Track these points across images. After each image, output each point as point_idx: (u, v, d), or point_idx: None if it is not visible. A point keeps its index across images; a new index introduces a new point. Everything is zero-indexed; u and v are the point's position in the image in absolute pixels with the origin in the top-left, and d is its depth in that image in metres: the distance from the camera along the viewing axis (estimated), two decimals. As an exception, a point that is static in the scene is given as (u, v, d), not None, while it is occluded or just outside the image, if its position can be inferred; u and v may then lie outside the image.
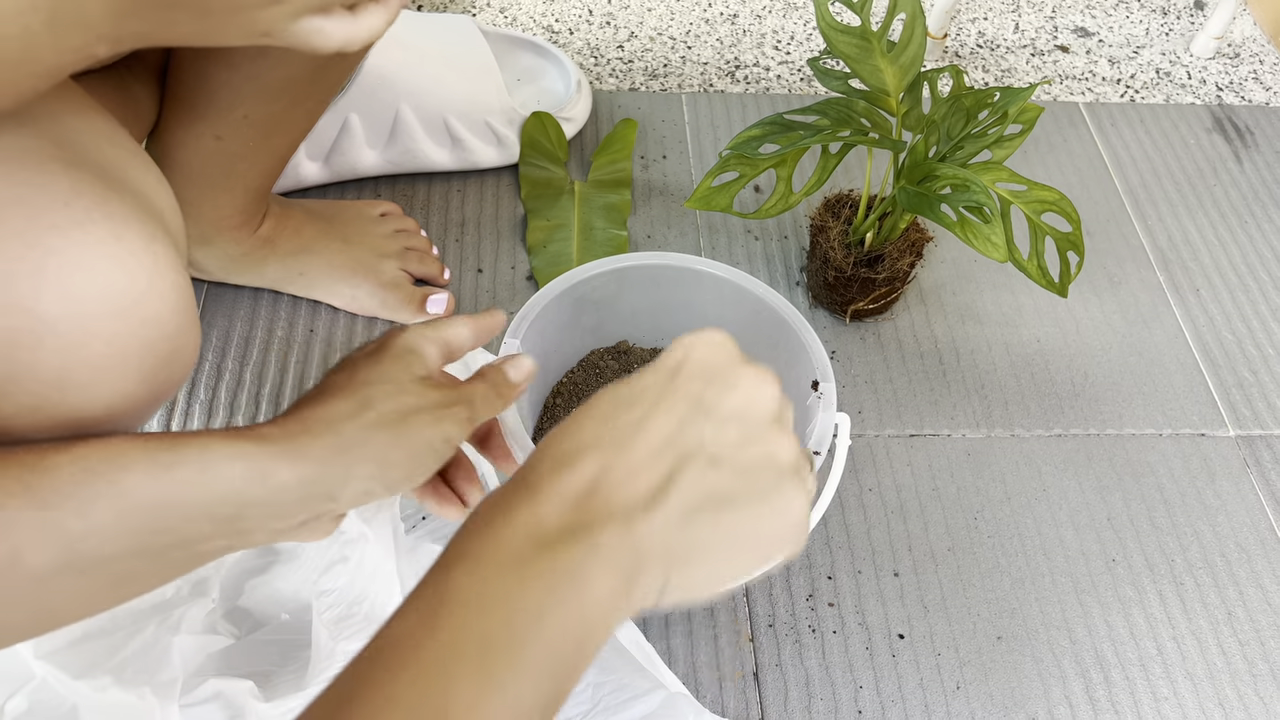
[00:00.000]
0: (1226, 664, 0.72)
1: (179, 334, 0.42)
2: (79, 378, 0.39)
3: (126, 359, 0.40)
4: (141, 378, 0.41)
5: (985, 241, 0.71)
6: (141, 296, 0.40)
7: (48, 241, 0.38)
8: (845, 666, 0.70)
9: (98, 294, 0.39)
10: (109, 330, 0.39)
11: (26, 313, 0.37)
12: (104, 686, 0.55)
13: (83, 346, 0.39)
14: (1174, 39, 1.22)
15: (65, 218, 0.38)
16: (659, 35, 1.15)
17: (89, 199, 0.39)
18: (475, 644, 0.32)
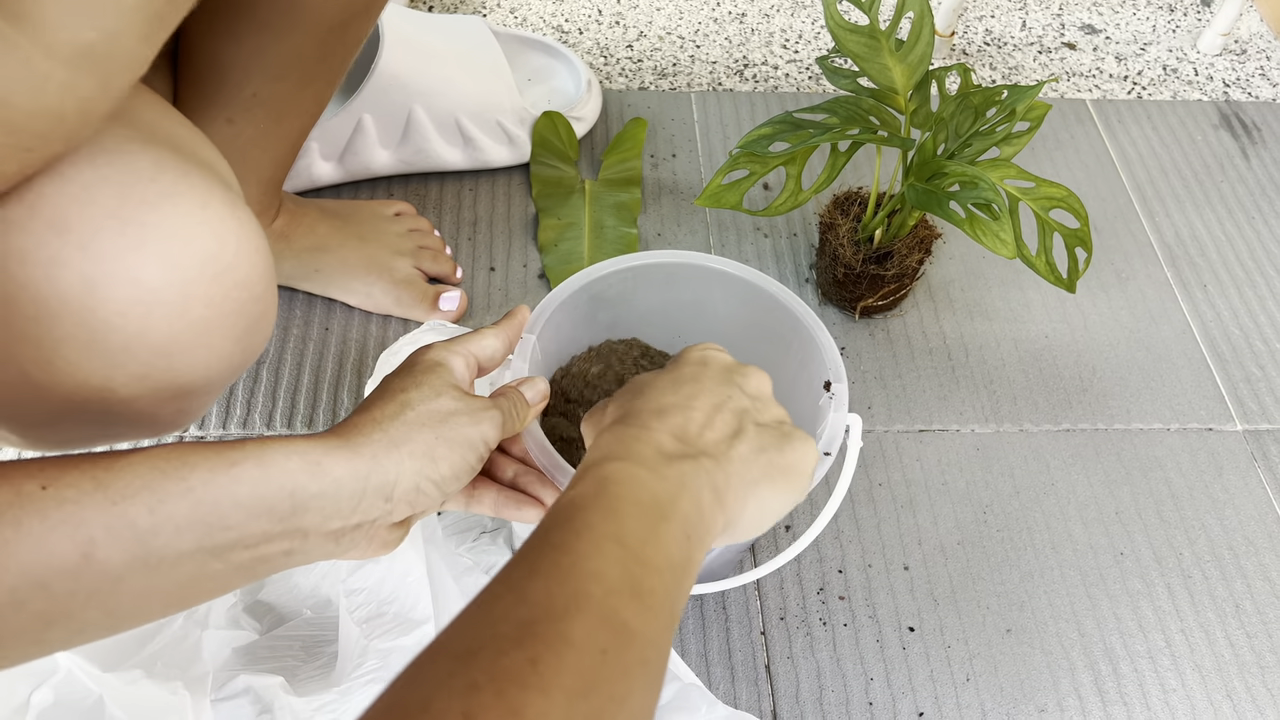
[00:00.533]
0: (1235, 656, 0.72)
1: (265, 295, 0.45)
2: (184, 342, 0.42)
3: (224, 321, 0.43)
4: (235, 339, 0.44)
5: (994, 238, 0.72)
6: (233, 260, 0.43)
7: (142, 216, 0.40)
8: (856, 659, 0.70)
9: (196, 260, 0.41)
10: (207, 294, 0.42)
11: (135, 283, 0.40)
12: (134, 679, 0.56)
13: (187, 312, 0.41)
14: (1181, 36, 1.22)
15: (154, 192, 0.41)
16: (668, 34, 1.16)
17: (172, 172, 0.41)
18: (635, 504, 0.40)
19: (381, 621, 0.59)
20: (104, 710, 0.57)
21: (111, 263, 0.39)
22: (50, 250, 0.39)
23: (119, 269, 0.40)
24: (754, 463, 0.47)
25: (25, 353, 0.40)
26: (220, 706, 0.58)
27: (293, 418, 0.80)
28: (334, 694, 0.56)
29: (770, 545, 0.76)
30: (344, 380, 0.82)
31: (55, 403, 0.42)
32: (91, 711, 0.57)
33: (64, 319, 0.40)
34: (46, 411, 0.42)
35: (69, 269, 0.39)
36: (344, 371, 0.83)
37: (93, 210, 0.39)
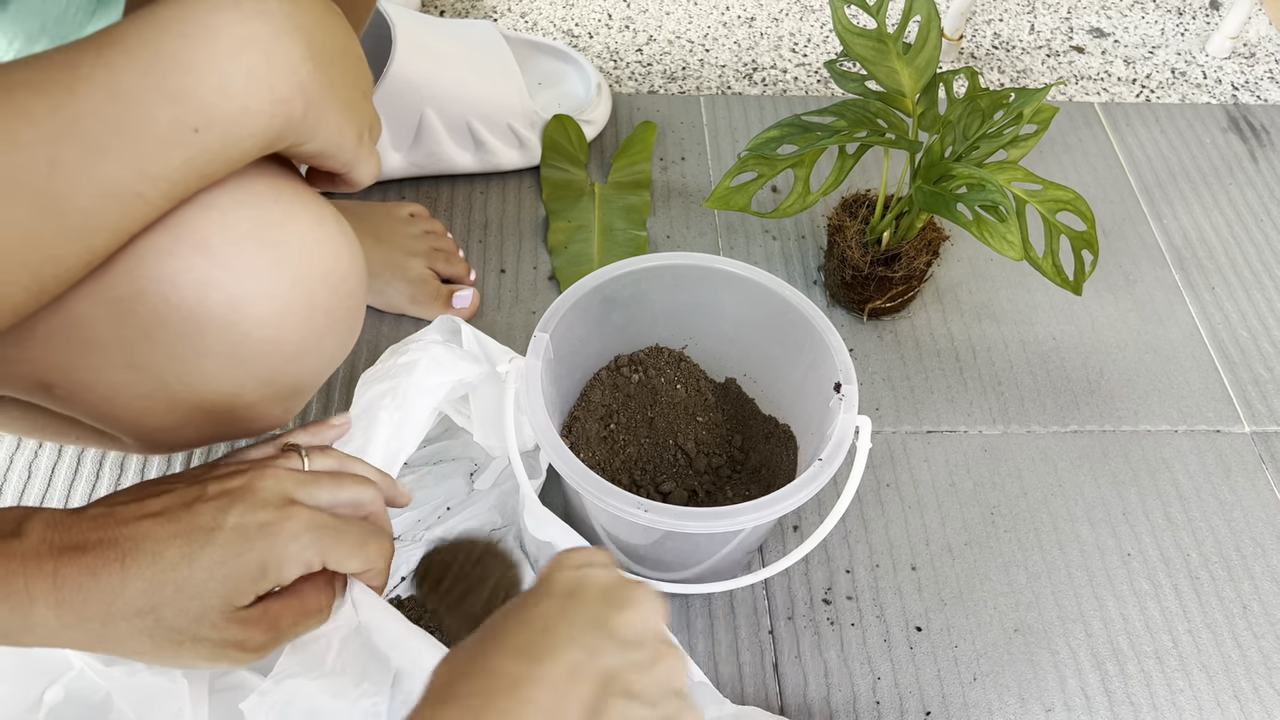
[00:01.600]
0: (1242, 657, 0.72)
1: (364, 299, 0.48)
2: (308, 347, 0.45)
3: (337, 326, 0.46)
4: (342, 340, 0.47)
5: (1001, 240, 0.72)
6: (346, 270, 0.46)
7: (275, 236, 0.43)
8: (863, 658, 0.71)
9: (319, 273, 0.44)
10: (328, 304, 0.45)
11: (272, 298, 0.43)
12: (136, 671, 0.57)
13: (312, 320, 0.45)
14: (1189, 39, 1.23)
15: (279, 212, 0.44)
16: (677, 39, 1.17)
17: (287, 193, 0.44)
18: None
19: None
20: (112, 705, 0.58)
21: (253, 281, 0.42)
22: (198, 272, 0.42)
23: (260, 286, 0.43)
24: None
25: (169, 367, 0.43)
26: (218, 697, 0.59)
27: (305, 415, 0.81)
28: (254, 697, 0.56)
29: (778, 546, 0.76)
30: (353, 380, 0.83)
31: (184, 411, 0.45)
32: (101, 707, 0.58)
33: (210, 334, 0.42)
34: (176, 417, 0.45)
35: (216, 289, 0.42)
36: (356, 371, 0.83)
37: (232, 233, 0.42)
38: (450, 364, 0.67)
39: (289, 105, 0.41)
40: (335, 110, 0.43)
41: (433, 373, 0.67)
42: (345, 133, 0.44)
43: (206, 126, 0.39)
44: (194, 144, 0.39)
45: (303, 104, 0.42)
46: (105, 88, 0.38)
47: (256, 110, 0.40)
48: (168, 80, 0.38)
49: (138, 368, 0.43)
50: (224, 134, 0.40)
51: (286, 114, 0.41)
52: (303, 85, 0.42)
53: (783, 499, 0.59)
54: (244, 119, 0.40)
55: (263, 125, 0.41)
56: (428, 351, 0.68)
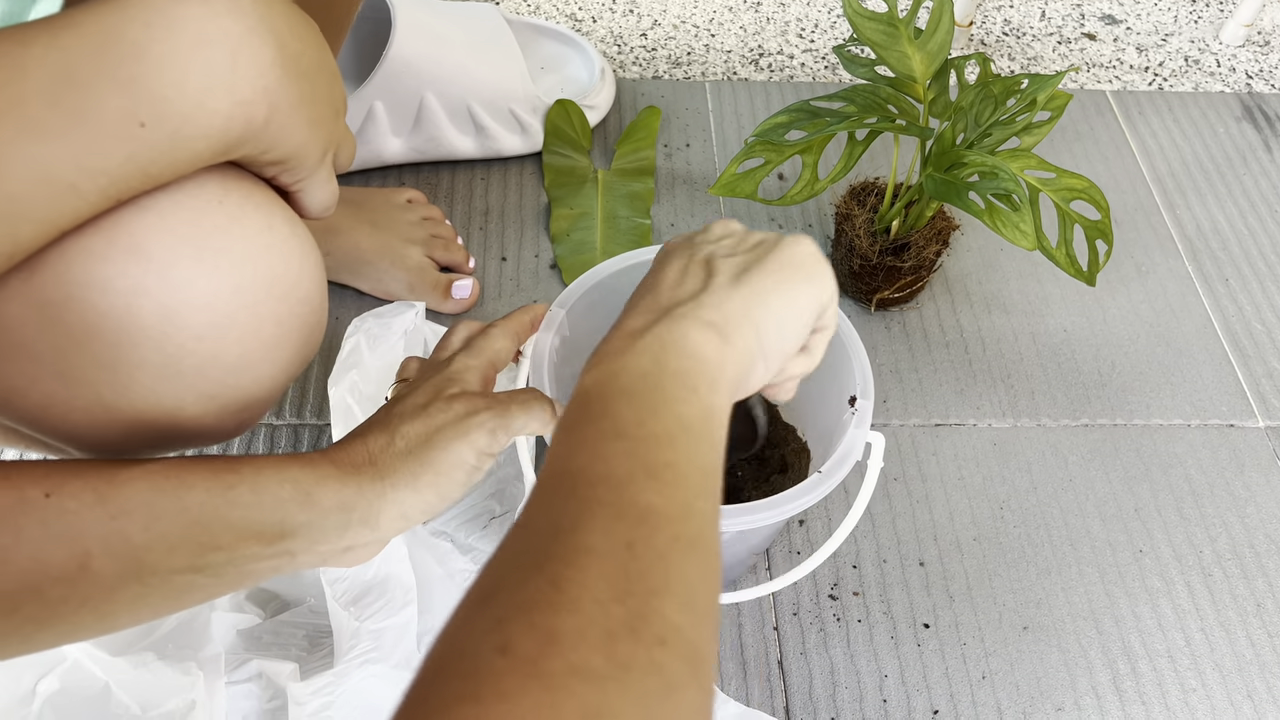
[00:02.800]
0: (1256, 656, 0.71)
1: (322, 305, 0.45)
2: (253, 360, 0.42)
3: (289, 337, 0.44)
4: (296, 351, 0.45)
5: (1014, 229, 0.70)
6: (297, 278, 0.43)
7: (215, 241, 0.40)
8: (870, 655, 0.70)
9: (265, 282, 0.42)
10: (276, 313, 0.42)
11: (210, 309, 0.40)
12: (145, 661, 0.56)
13: (258, 332, 0.42)
14: (1203, 26, 1.21)
15: (224, 216, 0.41)
16: (682, 23, 1.15)
17: (237, 194, 0.41)
18: (620, 393, 0.38)
19: (368, 601, 0.59)
20: (110, 697, 0.57)
21: (188, 290, 0.40)
22: (130, 279, 0.39)
23: (196, 296, 0.40)
24: (742, 283, 0.44)
25: (101, 378, 0.41)
26: (232, 689, 0.58)
27: (302, 407, 0.79)
28: (329, 675, 0.56)
29: (784, 543, 0.75)
30: (354, 370, 0.81)
31: (125, 424, 0.42)
32: (98, 699, 0.57)
33: (142, 346, 0.40)
34: (116, 433, 0.43)
35: (149, 297, 0.39)
36: (354, 361, 0.82)
37: (168, 238, 0.40)
38: (383, 330, 0.70)
39: (250, 109, 0.39)
40: (303, 123, 0.41)
41: (375, 346, 0.69)
42: (309, 148, 0.42)
43: (156, 121, 0.37)
44: (139, 139, 0.37)
45: (266, 110, 0.39)
46: (57, 69, 0.35)
47: (213, 109, 0.38)
48: (121, 68, 0.36)
49: (69, 378, 0.41)
50: (174, 131, 0.37)
51: (247, 118, 0.39)
52: (268, 90, 0.39)
53: (768, 508, 0.55)
54: (198, 117, 0.38)
55: (219, 127, 0.38)
56: (361, 330, 0.71)
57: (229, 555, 0.41)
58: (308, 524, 0.43)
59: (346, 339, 0.72)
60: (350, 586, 0.60)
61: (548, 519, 0.33)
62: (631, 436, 0.36)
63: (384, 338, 0.71)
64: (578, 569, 0.30)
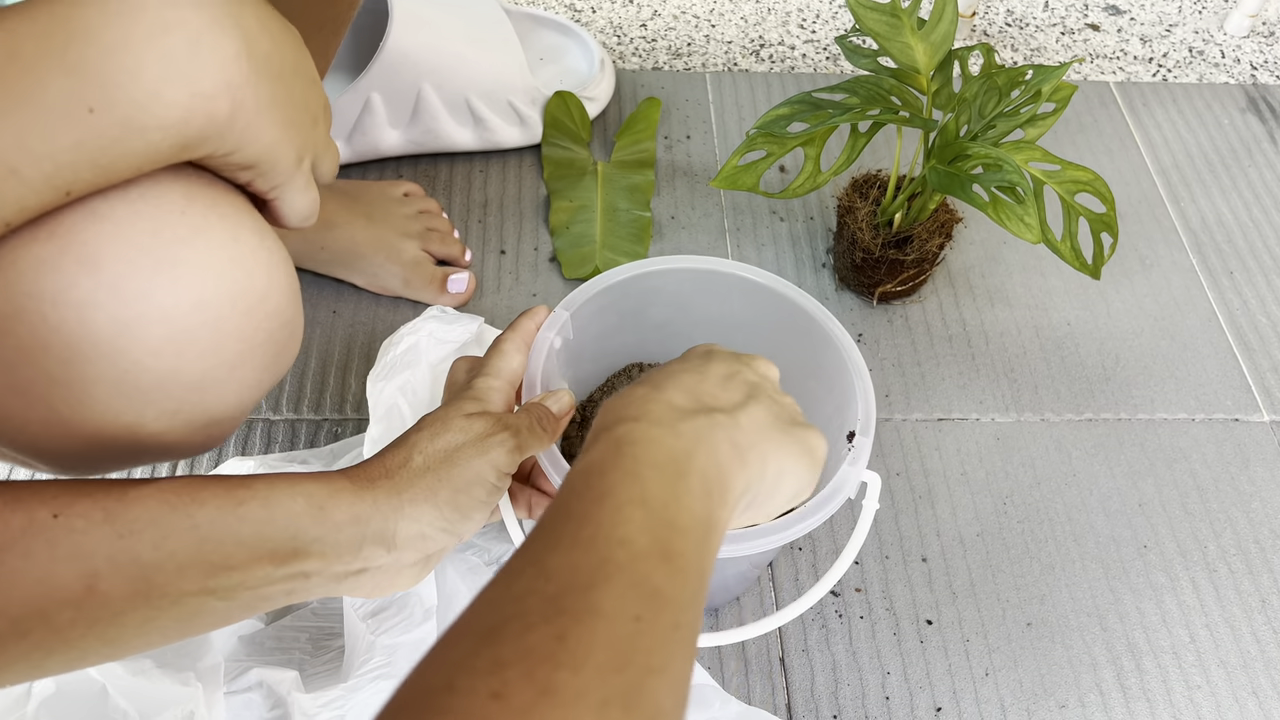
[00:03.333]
0: (1260, 652, 0.71)
1: (294, 319, 0.44)
2: (216, 376, 0.41)
3: (254, 352, 0.42)
4: (265, 366, 0.43)
5: (1018, 222, 0.70)
6: (264, 292, 0.42)
7: (175, 253, 0.39)
8: (872, 652, 0.69)
9: (228, 297, 0.40)
10: (239, 329, 0.41)
11: (167, 323, 0.39)
12: (143, 669, 0.55)
13: (220, 348, 0.41)
14: (1207, 17, 1.20)
15: (186, 227, 0.39)
16: (682, 13, 1.14)
17: (201, 203, 0.40)
18: (653, 465, 0.38)
19: (386, 615, 0.58)
20: (107, 700, 0.56)
21: (144, 303, 0.38)
22: (82, 291, 0.38)
23: (151, 310, 0.38)
24: (771, 426, 0.45)
25: (55, 393, 0.39)
26: (232, 699, 0.57)
27: (299, 402, 0.78)
28: (340, 690, 0.55)
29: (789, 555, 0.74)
30: (352, 364, 0.81)
31: (84, 439, 0.41)
32: (94, 701, 0.56)
33: (95, 361, 0.38)
34: (76, 446, 0.42)
35: (101, 311, 0.38)
36: (352, 355, 0.81)
37: (124, 248, 0.38)
38: (447, 333, 0.67)
39: (212, 103, 0.37)
40: (273, 124, 0.40)
41: (436, 349, 0.67)
42: (281, 151, 0.41)
43: (105, 107, 0.35)
44: (87, 125, 0.35)
45: (229, 106, 0.38)
46: (2, 49, 0.34)
47: (170, 101, 0.36)
48: (70, 50, 0.35)
49: (22, 392, 0.39)
50: (125, 119, 0.36)
51: (208, 112, 0.37)
52: (231, 85, 0.38)
53: (754, 537, 0.54)
54: (153, 106, 0.36)
55: (176, 118, 0.37)
56: (422, 331, 0.68)
57: (241, 576, 0.40)
58: (320, 539, 0.42)
59: (404, 336, 0.69)
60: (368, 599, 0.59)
61: (565, 566, 0.33)
62: (655, 512, 0.36)
63: (447, 341, 0.69)
64: (586, 629, 0.30)
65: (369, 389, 0.67)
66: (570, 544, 0.34)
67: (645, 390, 0.43)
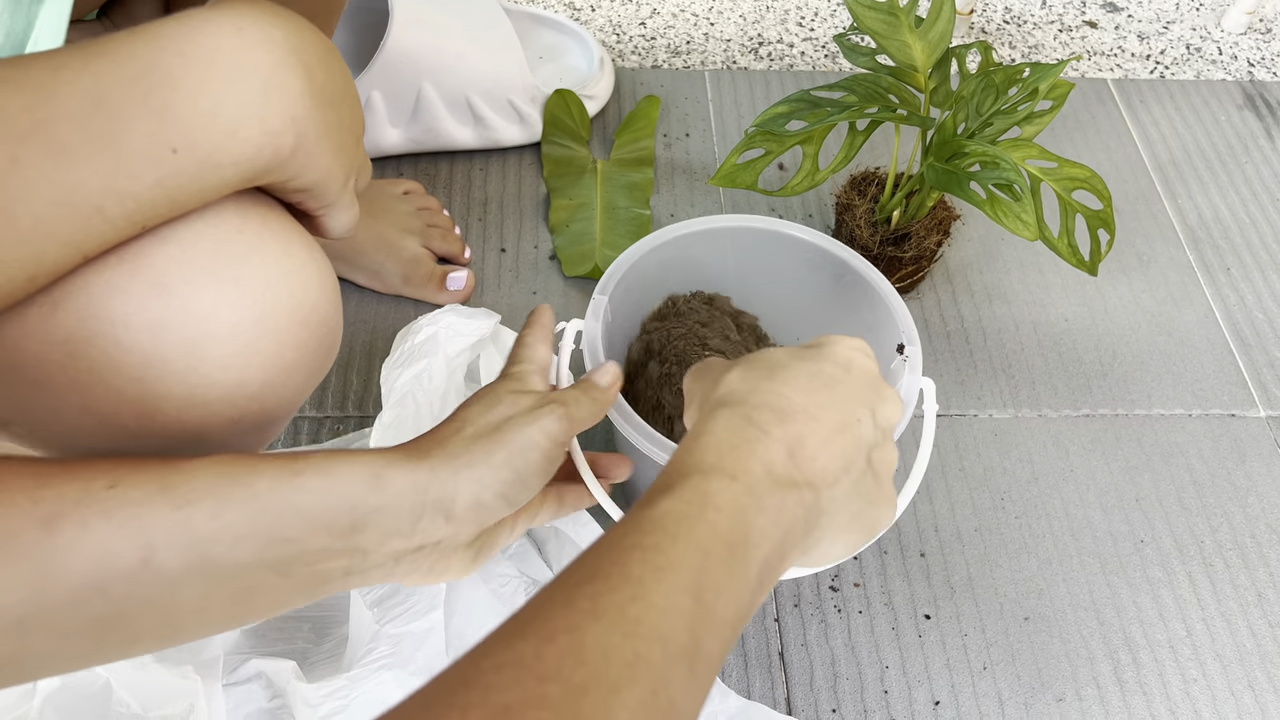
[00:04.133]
0: (1257, 646, 0.71)
1: (339, 325, 0.46)
2: (276, 385, 0.43)
3: (308, 359, 0.44)
4: (315, 370, 0.45)
5: (1015, 219, 0.70)
6: (316, 303, 0.44)
7: (236, 271, 0.41)
8: (871, 646, 0.69)
9: (286, 309, 0.42)
10: (296, 339, 0.43)
11: (233, 339, 0.41)
12: (144, 664, 0.55)
13: (280, 358, 0.42)
14: (1204, 14, 1.20)
15: (243, 245, 0.41)
16: (681, 12, 1.14)
17: (255, 222, 0.42)
18: (726, 544, 0.37)
19: (393, 604, 0.58)
20: (111, 695, 0.56)
21: (212, 322, 0.40)
22: (153, 313, 0.39)
23: (219, 327, 0.40)
24: (848, 506, 0.44)
25: (126, 411, 0.41)
26: (232, 691, 0.57)
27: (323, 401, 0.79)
28: (343, 680, 0.55)
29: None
30: (354, 362, 0.81)
31: (151, 448, 0.42)
32: (98, 696, 0.56)
33: (166, 379, 0.40)
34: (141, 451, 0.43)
35: (172, 331, 0.40)
36: (353, 353, 0.82)
37: (190, 269, 0.40)
38: (465, 327, 0.68)
39: (280, 138, 0.40)
40: (328, 151, 0.42)
41: (453, 341, 0.67)
42: (333, 175, 0.43)
43: (187, 148, 0.37)
44: (169, 164, 0.37)
45: (294, 139, 0.40)
46: (88, 94, 0.36)
47: (244, 138, 0.39)
48: (154, 95, 0.37)
49: (94, 411, 0.41)
50: (205, 158, 0.38)
51: (276, 147, 0.40)
52: (297, 120, 0.40)
53: None
54: (229, 145, 0.38)
55: (249, 154, 0.39)
56: (441, 323, 0.68)
57: (298, 548, 0.40)
58: (379, 509, 0.42)
59: (424, 326, 0.69)
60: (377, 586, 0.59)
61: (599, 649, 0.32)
62: (705, 604, 0.35)
63: (464, 335, 0.69)
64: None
65: (384, 375, 0.68)
66: (614, 618, 0.33)
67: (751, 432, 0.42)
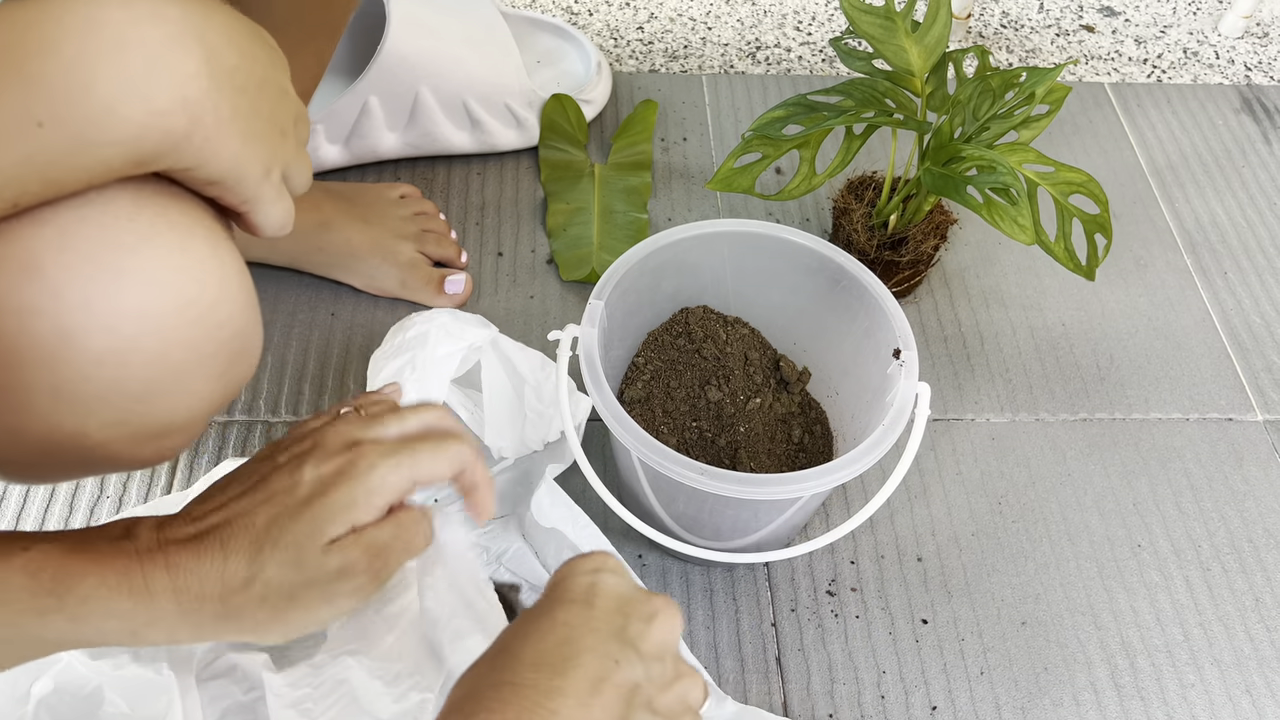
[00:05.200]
0: (1254, 650, 0.71)
1: (248, 330, 0.43)
2: (162, 388, 0.40)
3: (204, 363, 0.41)
4: (217, 377, 0.42)
5: (1012, 224, 0.70)
6: (214, 302, 0.40)
7: (120, 261, 0.38)
8: (868, 651, 0.69)
9: (175, 307, 0.39)
10: (187, 339, 0.40)
11: (110, 333, 0.38)
12: (122, 664, 0.56)
13: (165, 358, 0.39)
14: (1202, 18, 1.20)
15: (132, 234, 0.38)
16: (679, 16, 1.14)
17: (151, 211, 0.39)
18: None
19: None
20: (103, 697, 0.57)
21: (86, 312, 0.37)
22: (23, 297, 0.37)
23: (94, 319, 0.38)
24: None
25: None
26: (208, 685, 0.58)
27: (298, 404, 0.79)
28: (306, 668, 0.56)
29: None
30: (349, 366, 0.81)
31: (27, 447, 0.40)
32: (91, 699, 0.57)
33: (36, 368, 0.38)
34: (21, 454, 0.41)
35: (42, 318, 0.37)
36: (349, 357, 0.82)
37: (69, 255, 0.37)
38: (459, 331, 0.68)
39: (167, 120, 0.37)
40: (236, 140, 0.39)
41: (444, 342, 0.67)
42: (246, 166, 0.40)
43: (55, 122, 0.35)
44: (36, 139, 0.35)
45: (186, 122, 0.37)
46: None
47: (124, 117, 0.36)
48: (27, 63, 0.34)
49: None
50: (77, 135, 0.35)
51: (164, 129, 0.37)
52: (189, 102, 0.37)
53: (847, 465, 0.60)
54: (106, 123, 0.36)
55: (131, 135, 0.36)
56: (435, 321, 0.68)
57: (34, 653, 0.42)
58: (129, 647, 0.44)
59: (417, 323, 0.69)
60: None
61: None
62: None
63: (457, 338, 0.69)
64: None
65: (371, 364, 0.68)
66: None
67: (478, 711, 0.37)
